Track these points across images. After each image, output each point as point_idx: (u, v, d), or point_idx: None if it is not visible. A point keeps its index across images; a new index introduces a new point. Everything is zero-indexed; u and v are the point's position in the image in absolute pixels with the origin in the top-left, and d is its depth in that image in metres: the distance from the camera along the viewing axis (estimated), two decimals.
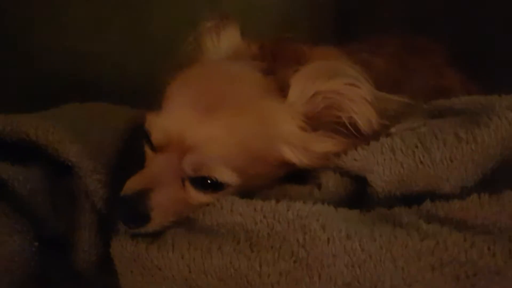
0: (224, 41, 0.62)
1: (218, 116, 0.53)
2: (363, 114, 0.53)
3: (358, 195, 0.51)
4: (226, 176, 0.53)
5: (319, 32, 1.09)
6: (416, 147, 0.48)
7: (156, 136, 0.54)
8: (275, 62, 0.61)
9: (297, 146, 0.55)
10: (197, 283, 0.46)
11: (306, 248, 0.43)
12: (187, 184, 0.54)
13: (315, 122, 0.55)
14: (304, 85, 0.54)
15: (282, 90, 0.57)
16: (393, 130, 0.52)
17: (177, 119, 0.53)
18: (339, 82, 0.53)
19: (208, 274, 0.46)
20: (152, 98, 0.68)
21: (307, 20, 1.12)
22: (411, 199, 0.48)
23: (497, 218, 0.43)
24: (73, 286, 0.58)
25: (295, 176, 0.56)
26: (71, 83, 0.73)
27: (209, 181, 0.53)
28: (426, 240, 0.42)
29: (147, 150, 0.58)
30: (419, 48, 0.84)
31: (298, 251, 0.43)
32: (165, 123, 0.54)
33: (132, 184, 0.54)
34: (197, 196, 0.54)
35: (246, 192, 0.54)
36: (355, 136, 0.54)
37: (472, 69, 0.86)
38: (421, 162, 0.47)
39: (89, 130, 0.60)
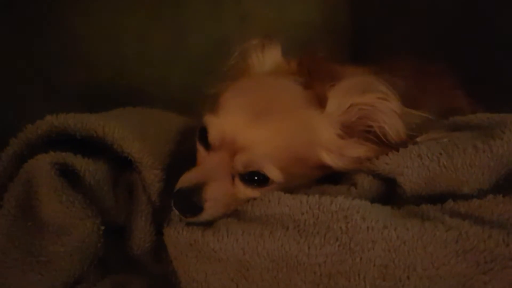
0: (267, 58, 0.71)
1: (267, 121, 0.61)
2: (393, 125, 0.61)
3: (388, 194, 0.59)
4: (273, 172, 0.60)
5: (335, 54, 1.18)
6: (440, 154, 0.56)
7: (212, 136, 0.62)
8: (311, 78, 0.69)
9: (333, 151, 0.63)
10: (250, 264, 0.53)
11: (349, 235, 0.50)
12: (237, 180, 0.62)
13: (349, 131, 0.62)
14: (341, 98, 0.63)
15: (320, 102, 0.65)
16: (418, 139, 0.60)
17: (231, 122, 0.61)
18: (372, 96, 0.61)
19: (261, 256, 0.53)
20: (188, 106, 0.77)
21: (325, 42, 1.20)
22: (435, 199, 0.55)
23: (510, 215, 0.51)
24: (128, 272, 0.65)
25: (329, 179, 0.64)
26: (120, 90, 0.80)
27: (256, 178, 0.61)
28: (451, 231, 0.49)
29: (200, 149, 0.65)
30: (430, 72, 0.92)
31: (342, 237, 0.50)
32: (220, 125, 0.62)
33: (188, 178, 0.62)
34: (244, 191, 0.62)
35: (287, 190, 0.61)
36: (384, 144, 0.62)
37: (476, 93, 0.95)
38: (445, 167, 0.55)
39: (146, 130, 0.67)
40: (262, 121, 0.60)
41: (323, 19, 1.20)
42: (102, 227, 0.60)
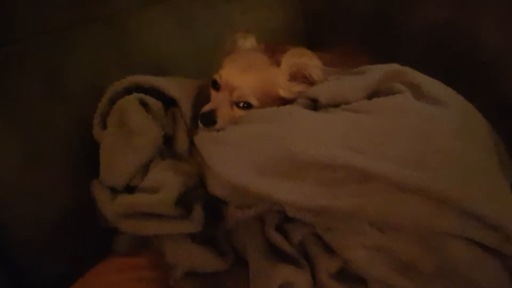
0: (247, 42, 1.22)
1: (250, 72, 1.08)
2: (317, 72, 1.06)
3: (313, 107, 1.10)
4: (254, 101, 1.09)
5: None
6: (340, 82, 1.07)
7: (220, 82, 1.13)
8: (273, 53, 1.21)
9: (285, 89, 1.12)
10: (243, 141, 1.03)
11: (292, 119, 0.99)
12: (234, 106, 1.09)
13: (294, 77, 1.11)
14: (288, 60, 1.13)
15: (278, 64, 1.15)
16: (329, 78, 1.12)
17: (230, 74, 1.09)
18: (305, 58, 1.13)
19: (248, 135, 1.00)
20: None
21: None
22: (336, 106, 1.07)
23: (373, 106, 1.01)
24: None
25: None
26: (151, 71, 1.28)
27: (245, 105, 1.12)
28: (340, 114, 1.00)
29: (212, 92, 1.15)
30: (352, 52, 1.31)
31: (289, 120, 0.99)
32: (225, 75, 1.12)
33: (208, 106, 1.10)
34: (238, 112, 1.05)
35: None
36: (312, 83, 1.13)
37: None
38: (341, 88, 1.06)
39: (180, 84, 1.18)
40: (247, 72, 1.04)
41: (284, 26, 1.64)
42: (163, 132, 1.10)
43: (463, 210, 0.89)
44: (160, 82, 1.11)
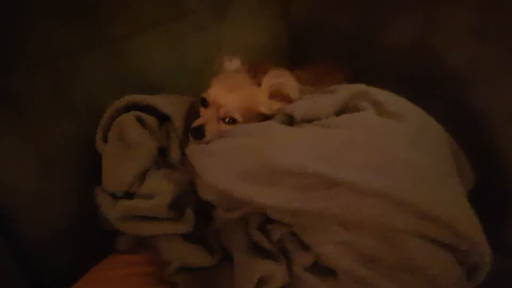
0: (233, 64, 1.36)
1: (234, 91, 1.15)
2: (294, 92, 1.17)
3: (289, 122, 1.24)
4: (238, 116, 1.19)
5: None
6: (312, 100, 1.22)
7: (208, 100, 1.28)
8: (255, 74, 1.36)
9: (265, 106, 1.23)
10: (227, 153, 1.17)
11: (269, 133, 1.14)
12: (220, 122, 1.17)
13: (273, 95, 1.20)
14: (268, 80, 1.28)
15: (259, 84, 1.30)
16: (304, 97, 1.27)
17: (217, 93, 1.15)
18: (282, 79, 1.27)
19: (232, 148, 1.13)
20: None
21: (271, 59, 1.84)
22: (309, 121, 1.21)
23: (340, 122, 1.17)
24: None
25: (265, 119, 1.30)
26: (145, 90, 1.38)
27: (230, 120, 1.26)
28: (316, 127, 1.15)
29: (201, 108, 1.29)
30: (329, 70, 1.40)
31: (268, 134, 1.14)
32: (212, 94, 1.25)
33: (197, 122, 1.18)
34: (224, 127, 1.13)
35: None
36: (289, 101, 1.28)
37: None
38: (314, 106, 1.21)
39: (174, 102, 1.31)
40: (232, 92, 1.13)
41: (269, 43, 1.73)
42: (158, 145, 1.25)
43: (417, 210, 1.03)
44: (155, 100, 1.20)
